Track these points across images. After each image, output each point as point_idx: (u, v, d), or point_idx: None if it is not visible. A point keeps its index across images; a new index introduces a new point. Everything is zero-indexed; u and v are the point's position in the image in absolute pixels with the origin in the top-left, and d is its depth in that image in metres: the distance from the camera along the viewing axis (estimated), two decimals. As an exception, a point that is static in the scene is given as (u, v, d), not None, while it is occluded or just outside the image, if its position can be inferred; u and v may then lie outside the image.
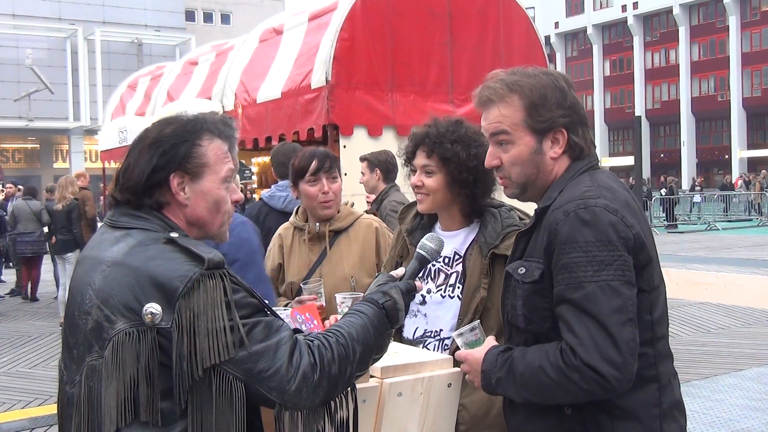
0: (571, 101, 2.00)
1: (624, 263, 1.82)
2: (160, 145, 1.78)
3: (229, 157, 1.86)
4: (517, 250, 2.06)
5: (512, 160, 2.01)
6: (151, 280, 1.63)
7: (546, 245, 1.90)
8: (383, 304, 1.86)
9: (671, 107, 53.24)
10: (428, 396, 2.08)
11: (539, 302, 1.93)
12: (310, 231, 3.26)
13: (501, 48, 8.28)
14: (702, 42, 52.30)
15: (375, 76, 7.57)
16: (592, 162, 2.03)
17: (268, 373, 1.63)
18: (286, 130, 7.78)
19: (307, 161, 3.20)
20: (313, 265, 3.22)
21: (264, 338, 1.65)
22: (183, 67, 11.25)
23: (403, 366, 2.09)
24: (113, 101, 13.32)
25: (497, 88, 2.01)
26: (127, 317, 1.63)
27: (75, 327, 1.74)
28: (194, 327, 1.59)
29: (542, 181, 2.03)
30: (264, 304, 1.74)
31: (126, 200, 1.79)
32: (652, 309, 1.91)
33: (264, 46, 8.99)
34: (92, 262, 1.75)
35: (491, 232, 2.60)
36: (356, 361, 1.76)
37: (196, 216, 1.82)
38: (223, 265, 1.67)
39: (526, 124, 1.98)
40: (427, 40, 7.87)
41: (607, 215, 1.84)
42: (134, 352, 1.60)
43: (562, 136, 2.00)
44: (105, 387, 1.63)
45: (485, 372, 1.98)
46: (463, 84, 7.87)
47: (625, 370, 1.78)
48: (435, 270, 2.70)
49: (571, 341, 1.80)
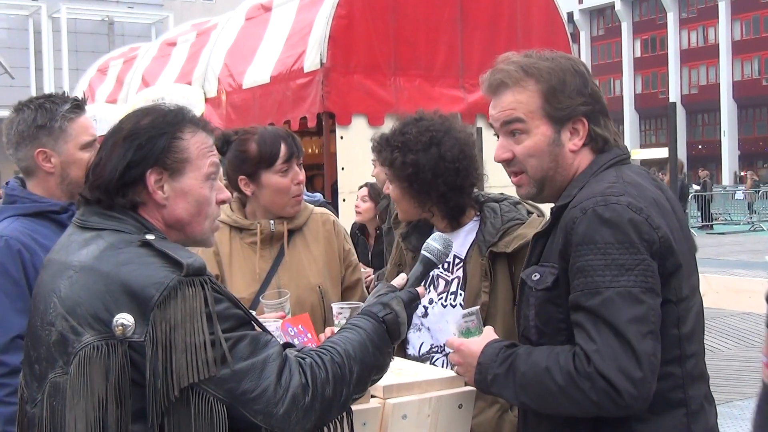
0: (592, 88, 2.01)
1: (647, 268, 1.82)
2: (136, 138, 1.78)
3: (213, 151, 1.86)
4: (533, 254, 2.06)
5: (527, 151, 2.00)
6: (123, 287, 1.62)
7: (562, 247, 1.90)
8: (383, 317, 1.86)
9: (710, 92, 53.20)
10: (437, 418, 2.08)
11: (553, 312, 1.93)
12: (263, 231, 2.93)
13: (518, 26, 8.28)
14: (745, 19, 52.27)
15: (376, 58, 7.57)
16: (620, 155, 2.03)
17: (253, 394, 1.62)
18: (275, 119, 7.78)
19: (273, 146, 2.89)
20: (267, 275, 2.92)
21: (249, 355, 1.64)
22: (159, 48, 11.26)
23: (408, 385, 2.09)
24: (81, 87, 13.33)
25: (511, 70, 2.00)
26: (96, 329, 1.62)
27: (37, 339, 1.74)
28: (170, 341, 1.59)
29: (561, 177, 2.02)
30: (250, 316, 1.74)
31: (96, 199, 1.79)
32: (680, 323, 1.90)
33: (251, 25, 9.00)
34: (58, 267, 1.76)
35: (490, 228, 2.62)
36: (353, 382, 1.75)
37: (175, 217, 1.81)
38: (204, 272, 1.67)
39: (543, 111, 1.98)
40: (434, 17, 7.87)
41: (629, 213, 1.83)
42: (103, 369, 1.60)
43: (582, 127, 2.00)
44: (70, 407, 1.62)
45: (482, 365, 1.97)
46: (475, 67, 7.86)
47: (642, 388, 1.77)
48: (434, 277, 2.71)
49: (587, 347, 1.80)
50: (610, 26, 59.42)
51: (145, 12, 38.22)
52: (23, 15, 37.13)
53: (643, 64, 57.43)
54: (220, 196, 1.88)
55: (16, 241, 2.62)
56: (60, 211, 2.73)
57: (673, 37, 55.24)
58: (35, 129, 2.71)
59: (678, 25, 55.36)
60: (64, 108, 2.74)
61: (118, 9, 38.12)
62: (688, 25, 55.43)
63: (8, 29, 36.61)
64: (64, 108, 2.74)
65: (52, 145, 2.72)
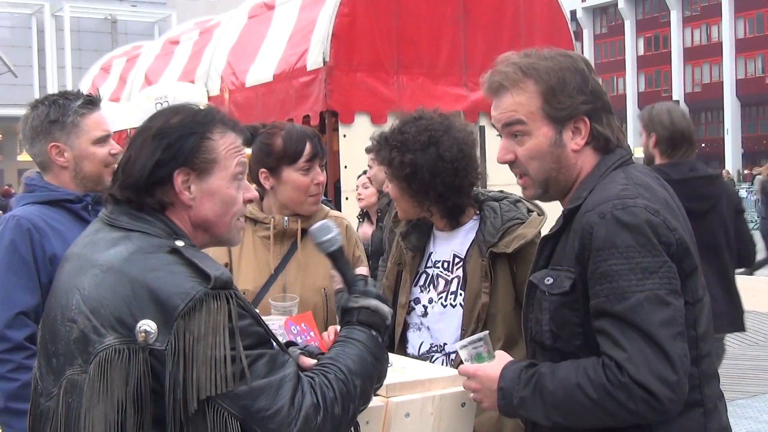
0: (593, 86, 1.99)
1: (669, 270, 1.81)
2: (165, 137, 1.77)
3: (241, 150, 1.85)
4: (541, 256, 2.04)
5: (529, 153, 1.99)
6: (149, 293, 1.62)
7: (578, 251, 1.88)
8: (370, 322, 1.86)
9: (713, 90, 53.09)
10: (439, 417, 2.07)
11: (569, 317, 1.91)
12: (276, 226, 2.93)
13: (521, 24, 8.27)
14: (748, 17, 52.16)
15: (379, 57, 7.56)
16: (624, 156, 2.02)
17: (267, 413, 1.62)
18: (278, 117, 7.77)
19: (299, 144, 2.90)
20: (275, 271, 2.93)
21: (267, 373, 1.65)
22: (162, 46, 11.26)
23: (411, 383, 2.09)
24: (84, 85, 13.32)
25: (509, 72, 1.99)
26: (119, 332, 1.62)
27: (56, 333, 1.74)
28: (192, 352, 1.58)
29: (565, 177, 2.01)
30: (270, 334, 1.74)
31: (127, 199, 1.78)
32: (697, 323, 1.90)
33: (253, 23, 8.99)
34: (83, 263, 1.75)
35: (490, 228, 2.61)
36: (358, 396, 1.76)
37: (201, 218, 1.81)
38: (231, 286, 1.67)
39: (543, 112, 1.97)
40: (437, 15, 7.86)
41: (647, 216, 1.82)
42: (123, 373, 1.60)
43: (584, 126, 1.98)
44: (87, 407, 1.62)
45: (504, 390, 1.95)
46: (478, 65, 7.85)
47: (679, 390, 1.77)
48: (434, 276, 2.71)
49: (618, 356, 1.78)
50: (613, 24, 59.32)
51: (148, 10, 38.22)
52: (26, 13, 37.15)
53: (646, 62, 57.33)
54: (247, 195, 1.88)
55: (27, 221, 2.71)
56: (74, 201, 2.82)
57: (676, 35, 55.12)
58: (48, 124, 2.80)
59: (681, 23, 55.23)
60: (76, 104, 2.82)
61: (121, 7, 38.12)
62: (691, 23, 55.31)
63: (11, 27, 36.64)
64: (77, 104, 2.82)
65: (64, 139, 2.80)
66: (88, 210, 2.82)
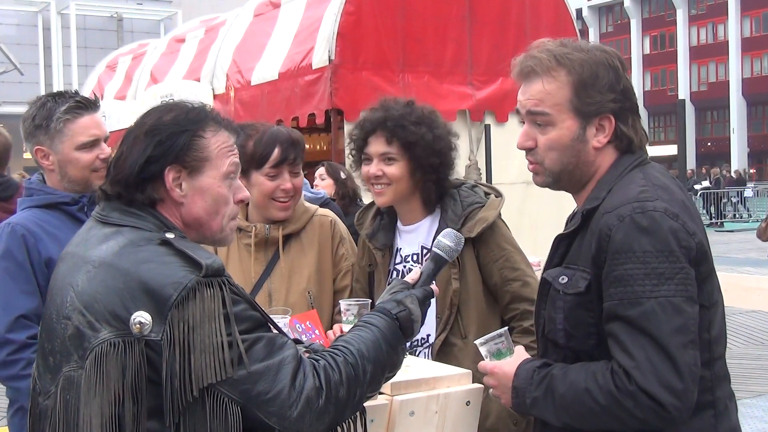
0: (624, 84, 1.96)
1: (686, 277, 1.80)
2: (157, 134, 1.78)
3: (234, 150, 1.85)
4: (555, 254, 2.03)
5: (550, 144, 1.97)
6: (142, 285, 1.63)
7: (595, 253, 1.87)
8: (397, 314, 1.85)
9: (719, 89, 52.97)
10: (444, 415, 2.07)
11: (584, 317, 1.91)
12: (257, 234, 2.91)
13: (526, 23, 8.26)
14: (754, 16, 52.01)
15: (384, 55, 7.56)
16: (642, 157, 2.00)
17: (267, 396, 1.63)
18: (283, 115, 7.79)
19: (267, 147, 2.84)
20: (259, 279, 2.91)
21: (265, 357, 1.65)
22: (168, 44, 11.27)
23: (416, 381, 2.09)
24: (90, 83, 13.35)
25: (543, 58, 1.96)
26: (113, 325, 1.63)
27: (52, 332, 1.75)
28: (188, 341, 1.59)
29: (581, 172, 1.99)
30: (267, 317, 1.74)
31: (117, 194, 1.79)
32: (711, 326, 1.89)
33: (259, 21, 9.00)
34: (76, 261, 1.76)
35: (452, 215, 2.68)
36: (367, 382, 1.75)
37: (192, 216, 1.81)
38: (223, 273, 1.67)
39: (571, 104, 1.94)
40: (442, 13, 7.85)
41: (667, 221, 1.81)
42: (119, 366, 1.61)
43: (609, 124, 1.96)
44: (85, 402, 1.63)
45: (518, 389, 1.95)
46: (484, 63, 7.86)
47: (686, 399, 1.76)
48: (405, 271, 2.74)
49: (626, 363, 1.78)
50: (619, 23, 59.20)
51: (153, 8, 38.23)
52: (32, 11, 37.18)
53: (652, 61, 57.20)
54: (239, 196, 1.87)
55: (21, 227, 2.74)
56: (71, 203, 2.83)
57: (682, 33, 54.98)
58: (33, 128, 2.80)
59: (687, 21, 55.09)
60: (62, 108, 2.77)
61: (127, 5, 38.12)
62: (697, 22, 55.17)
63: (17, 25, 36.67)
64: (63, 108, 2.77)
65: (48, 144, 2.80)
66: (84, 211, 2.82)
